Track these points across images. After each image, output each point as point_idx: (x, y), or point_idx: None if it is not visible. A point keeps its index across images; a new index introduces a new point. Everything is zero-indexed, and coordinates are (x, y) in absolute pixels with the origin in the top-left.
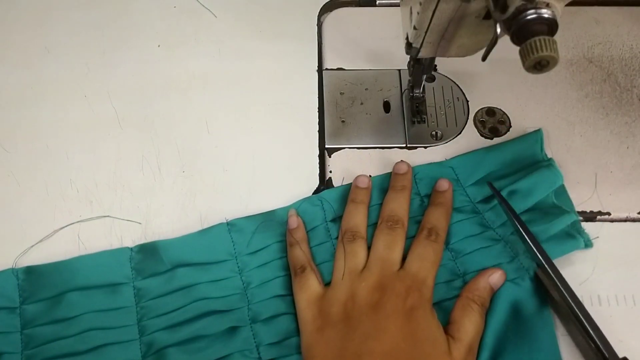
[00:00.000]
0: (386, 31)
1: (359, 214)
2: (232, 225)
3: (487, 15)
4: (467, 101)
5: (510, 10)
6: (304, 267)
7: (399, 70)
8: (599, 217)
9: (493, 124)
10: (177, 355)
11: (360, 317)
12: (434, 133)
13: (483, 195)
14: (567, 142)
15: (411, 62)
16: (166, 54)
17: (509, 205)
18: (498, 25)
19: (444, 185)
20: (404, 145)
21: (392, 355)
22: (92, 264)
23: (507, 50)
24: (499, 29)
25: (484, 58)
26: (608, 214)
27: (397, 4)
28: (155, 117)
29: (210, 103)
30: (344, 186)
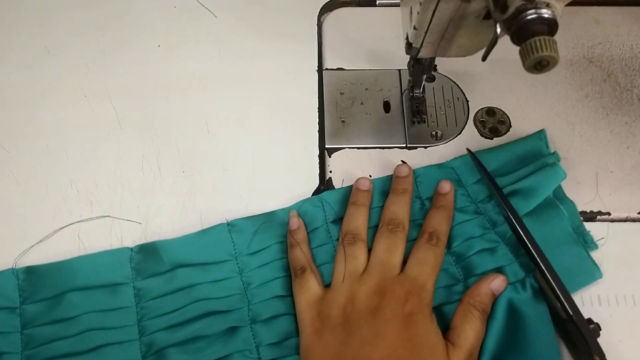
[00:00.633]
0: (386, 31)
1: (359, 217)
2: (232, 226)
3: (487, 15)
4: (467, 101)
5: (510, 10)
6: (304, 269)
7: (399, 70)
8: (599, 217)
9: (493, 124)
10: (177, 355)
11: (358, 322)
12: (434, 133)
13: (485, 194)
14: (567, 142)
15: (411, 62)
16: (166, 54)
17: (495, 183)
18: (498, 25)
19: (446, 187)
20: (404, 145)
21: None
22: (92, 264)
23: (507, 50)
24: (499, 29)
25: (484, 58)
26: (608, 214)
27: (397, 4)
28: (155, 117)
29: (210, 103)
30: (345, 188)
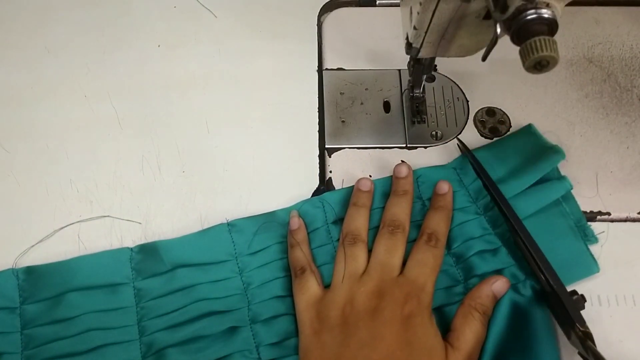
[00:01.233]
0: (386, 31)
1: (360, 218)
2: (232, 226)
3: (487, 15)
4: (467, 101)
5: (510, 10)
6: (304, 269)
7: (399, 70)
8: (599, 217)
9: (493, 124)
10: (177, 355)
11: (357, 323)
12: (434, 133)
13: (486, 194)
14: (567, 142)
15: (411, 62)
16: (166, 54)
17: (484, 170)
18: (498, 25)
19: (444, 187)
20: (404, 145)
21: None
22: (92, 264)
23: (507, 50)
24: (499, 29)
25: (484, 58)
26: (608, 214)
27: (397, 4)
28: (155, 117)
29: (210, 103)
30: (346, 188)
